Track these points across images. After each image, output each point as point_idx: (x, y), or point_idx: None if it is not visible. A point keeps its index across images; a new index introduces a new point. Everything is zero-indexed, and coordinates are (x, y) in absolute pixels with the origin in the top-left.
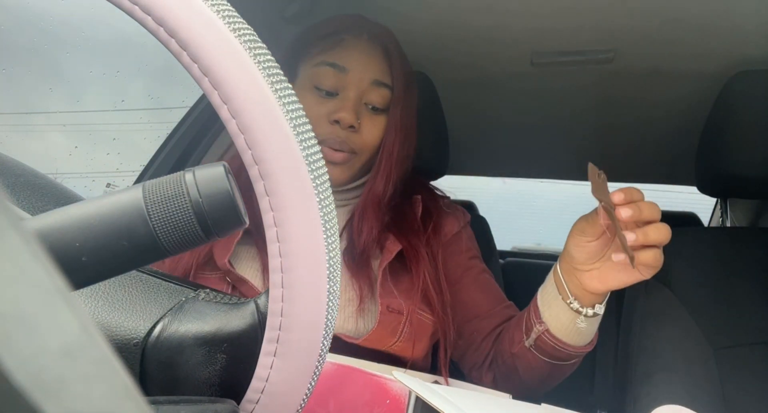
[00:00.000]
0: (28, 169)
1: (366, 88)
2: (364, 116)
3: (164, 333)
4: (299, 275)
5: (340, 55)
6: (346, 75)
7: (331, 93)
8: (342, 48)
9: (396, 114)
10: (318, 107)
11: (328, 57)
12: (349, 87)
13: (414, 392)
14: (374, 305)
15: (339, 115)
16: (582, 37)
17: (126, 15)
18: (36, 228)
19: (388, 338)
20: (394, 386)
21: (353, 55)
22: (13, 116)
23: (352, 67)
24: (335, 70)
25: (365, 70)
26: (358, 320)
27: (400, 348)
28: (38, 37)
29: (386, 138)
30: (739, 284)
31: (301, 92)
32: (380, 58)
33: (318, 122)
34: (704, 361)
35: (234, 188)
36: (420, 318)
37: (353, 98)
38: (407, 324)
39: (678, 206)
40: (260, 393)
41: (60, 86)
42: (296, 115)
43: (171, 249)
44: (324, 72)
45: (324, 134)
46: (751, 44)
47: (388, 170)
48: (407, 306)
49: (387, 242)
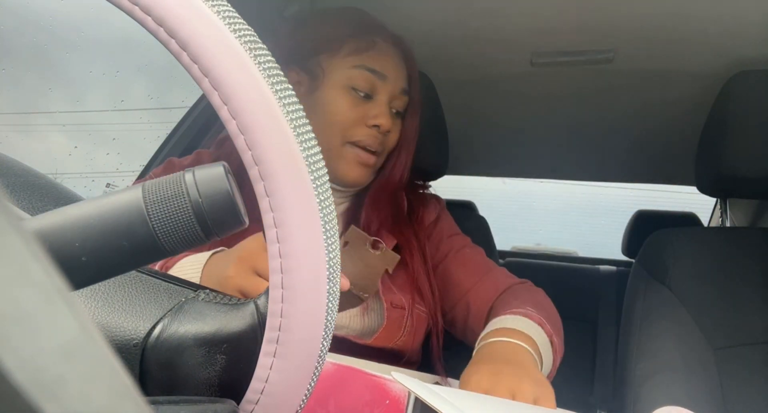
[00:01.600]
0: (27, 169)
1: (396, 95)
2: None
3: (164, 334)
4: (299, 276)
5: (378, 61)
6: (384, 82)
7: (366, 96)
8: (377, 53)
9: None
10: (355, 109)
11: (367, 61)
12: (384, 92)
13: (413, 392)
14: (378, 303)
15: (379, 120)
16: (582, 37)
17: (126, 15)
18: (36, 228)
19: (395, 333)
20: (394, 386)
21: (389, 63)
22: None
23: (389, 74)
24: (375, 76)
25: (398, 78)
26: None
27: (403, 342)
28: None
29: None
30: (738, 284)
31: (333, 90)
32: (404, 66)
33: (354, 124)
34: (704, 361)
35: (234, 189)
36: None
37: (387, 103)
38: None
39: (678, 206)
40: (260, 394)
41: (60, 86)
42: (296, 116)
43: (171, 249)
44: (363, 76)
45: (361, 135)
46: (751, 44)
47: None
48: (407, 301)
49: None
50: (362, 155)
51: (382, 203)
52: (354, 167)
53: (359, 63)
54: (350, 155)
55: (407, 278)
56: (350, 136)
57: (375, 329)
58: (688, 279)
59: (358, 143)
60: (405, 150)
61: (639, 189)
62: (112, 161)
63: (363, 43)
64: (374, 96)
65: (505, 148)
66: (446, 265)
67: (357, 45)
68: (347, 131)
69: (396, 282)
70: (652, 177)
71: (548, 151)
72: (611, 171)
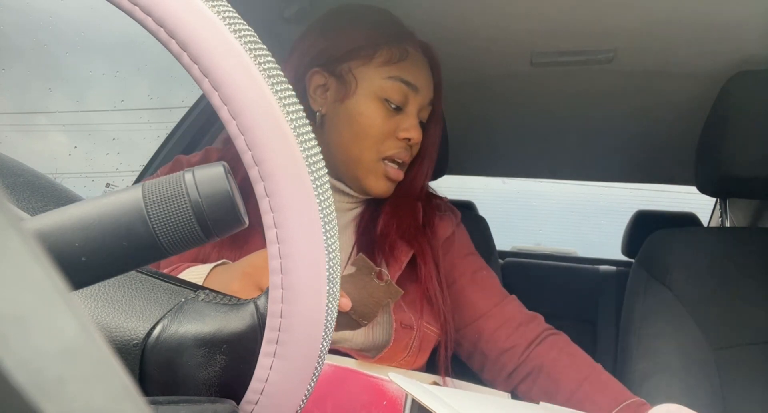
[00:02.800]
0: (27, 169)
1: (424, 106)
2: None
3: (164, 334)
4: (299, 276)
5: (411, 73)
6: (416, 94)
7: (398, 108)
8: (410, 63)
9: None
10: (387, 121)
11: (400, 72)
12: (414, 104)
13: (409, 394)
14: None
15: (411, 134)
16: (582, 37)
17: (126, 16)
18: (35, 228)
19: (400, 353)
20: (391, 387)
21: (421, 75)
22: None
23: (421, 87)
24: (409, 88)
25: (428, 91)
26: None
27: (407, 362)
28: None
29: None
30: (738, 285)
31: (365, 100)
32: (432, 76)
33: (386, 137)
34: (703, 361)
35: (233, 189)
36: (426, 331)
37: (416, 115)
38: (416, 338)
39: (678, 207)
40: (259, 394)
41: (60, 86)
42: (296, 116)
43: (170, 249)
44: (397, 88)
45: (393, 148)
46: (751, 44)
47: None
48: (416, 320)
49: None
50: (392, 172)
51: (401, 212)
52: (382, 182)
53: (394, 74)
54: (381, 171)
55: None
56: (384, 150)
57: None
58: (687, 279)
59: (390, 157)
60: (427, 160)
61: (639, 189)
62: (112, 161)
63: (396, 53)
64: (404, 108)
65: (505, 148)
66: (462, 285)
67: (390, 54)
68: (380, 145)
69: (406, 298)
70: (652, 177)
71: (548, 151)
72: (611, 171)
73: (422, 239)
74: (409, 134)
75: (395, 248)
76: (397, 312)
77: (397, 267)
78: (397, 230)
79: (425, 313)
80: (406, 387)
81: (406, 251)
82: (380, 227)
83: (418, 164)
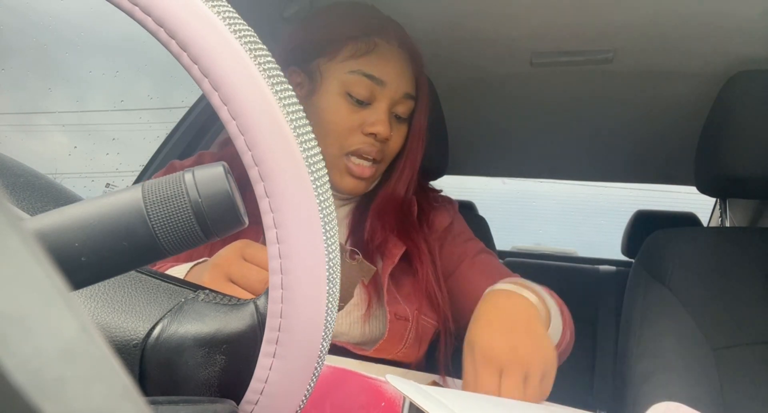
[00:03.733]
0: (27, 169)
1: (397, 100)
2: (392, 126)
3: (163, 334)
4: (299, 276)
5: (376, 66)
6: (383, 88)
7: (363, 103)
8: (377, 56)
9: (420, 122)
10: (351, 116)
11: (364, 66)
12: (383, 99)
13: (407, 397)
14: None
15: (376, 128)
16: (582, 37)
17: (126, 16)
18: (35, 228)
19: (396, 345)
20: (390, 388)
21: (389, 67)
22: (13, 116)
23: (389, 80)
24: (373, 82)
25: (399, 83)
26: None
27: (404, 354)
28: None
29: (410, 145)
30: (738, 285)
31: (329, 96)
32: (409, 70)
33: (351, 132)
34: (703, 361)
35: (233, 189)
36: (423, 323)
37: (386, 110)
38: (412, 329)
39: (677, 207)
40: (259, 394)
41: (59, 86)
42: (296, 116)
43: (170, 249)
44: (360, 82)
45: (357, 143)
46: (751, 44)
47: (411, 175)
48: (412, 312)
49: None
50: (354, 168)
51: (387, 212)
52: (347, 179)
53: (356, 68)
54: (342, 166)
55: (415, 286)
56: (348, 145)
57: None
58: (687, 279)
59: (355, 152)
60: (411, 157)
61: (639, 189)
62: (112, 161)
63: (362, 46)
64: (373, 102)
65: (505, 148)
66: (463, 271)
67: (356, 48)
68: (344, 140)
69: (402, 291)
70: (652, 177)
71: (548, 151)
72: (611, 171)
73: (417, 235)
74: (375, 128)
75: (387, 243)
76: (391, 303)
77: (390, 262)
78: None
79: (423, 306)
80: (402, 389)
81: (399, 246)
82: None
83: (402, 161)
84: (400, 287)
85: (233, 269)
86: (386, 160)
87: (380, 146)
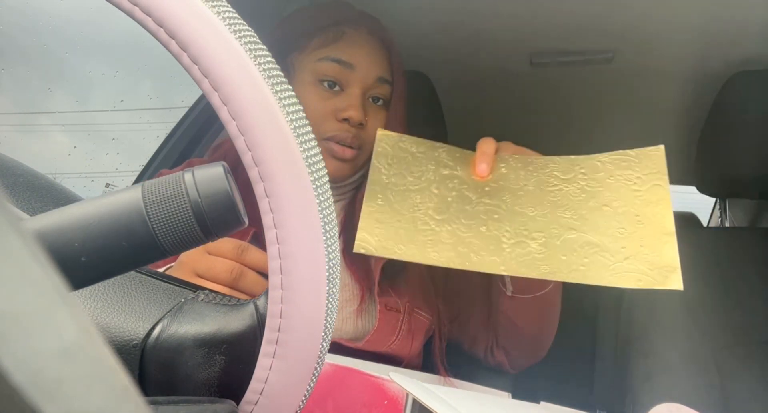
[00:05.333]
0: (27, 169)
1: (371, 84)
2: (369, 111)
3: (163, 335)
4: (298, 277)
5: (345, 51)
6: (352, 72)
7: (335, 89)
8: (345, 43)
9: (398, 109)
10: (323, 103)
11: (332, 52)
12: (355, 83)
13: (410, 394)
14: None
15: (348, 113)
16: (582, 37)
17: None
18: (35, 228)
19: (388, 337)
20: (392, 387)
21: (357, 51)
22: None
23: (358, 64)
24: (341, 66)
25: (370, 67)
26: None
27: (398, 346)
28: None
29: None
30: (738, 285)
31: (302, 87)
32: (381, 54)
33: (325, 119)
34: (704, 361)
35: (233, 189)
36: (417, 317)
37: (359, 95)
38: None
39: (677, 206)
40: (259, 395)
41: (59, 86)
42: (296, 117)
43: (170, 249)
44: (329, 67)
45: (332, 130)
46: (751, 44)
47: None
48: (403, 304)
49: None
50: (335, 148)
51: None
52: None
53: (324, 55)
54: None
55: (408, 281)
56: (323, 132)
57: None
58: (687, 279)
59: (331, 138)
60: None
61: None
62: (112, 161)
63: (330, 36)
64: (345, 89)
65: None
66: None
67: (324, 38)
68: (319, 127)
69: (395, 285)
70: None
71: (548, 151)
72: None
73: None
74: (347, 113)
75: None
76: (382, 295)
77: None
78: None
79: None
80: (406, 386)
81: None
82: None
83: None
84: (393, 281)
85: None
86: (366, 147)
87: (356, 131)
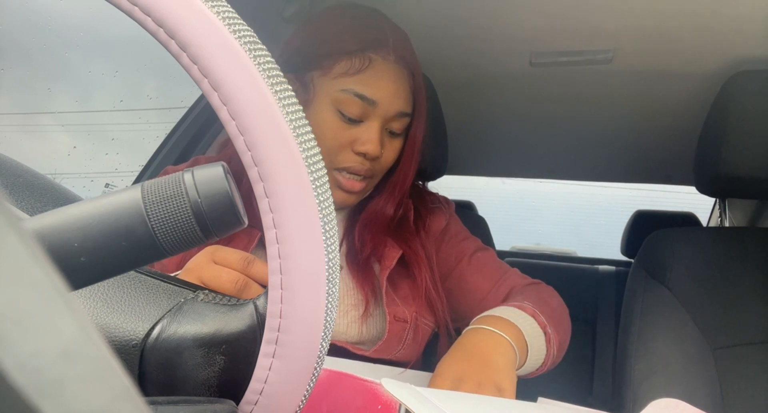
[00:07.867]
0: (26, 169)
1: (390, 118)
2: (385, 141)
3: (163, 335)
4: (298, 277)
5: (369, 85)
6: (374, 108)
7: (355, 120)
8: (370, 74)
9: (415, 138)
10: (341, 132)
11: (356, 85)
12: (375, 117)
13: (403, 404)
14: (378, 313)
15: (366, 148)
16: (581, 37)
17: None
18: (34, 228)
19: (395, 346)
20: (386, 391)
21: (382, 86)
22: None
23: (381, 100)
24: (364, 102)
25: (392, 102)
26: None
27: (403, 355)
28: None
29: (403, 162)
30: (737, 284)
31: (320, 110)
32: (406, 87)
33: (341, 149)
34: (703, 361)
35: (233, 189)
36: (422, 326)
37: (378, 129)
38: (410, 331)
39: (677, 207)
40: (259, 395)
41: (58, 86)
42: (296, 117)
43: (170, 249)
44: (351, 102)
45: (347, 161)
46: (750, 44)
47: (401, 195)
48: (411, 314)
49: (386, 249)
50: (345, 182)
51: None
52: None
53: (348, 87)
54: (332, 179)
55: (413, 290)
56: (337, 162)
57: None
58: (687, 279)
59: (344, 169)
60: (403, 173)
61: (638, 189)
62: (112, 161)
63: (356, 63)
64: (365, 120)
65: (505, 148)
66: (461, 271)
67: (349, 65)
68: (334, 157)
69: (400, 294)
70: (652, 177)
71: (548, 151)
72: (610, 171)
73: (414, 240)
74: (365, 148)
75: (383, 248)
76: (390, 305)
77: (387, 265)
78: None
79: (421, 309)
80: (397, 394)
81: (396, 250)
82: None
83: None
84: (399, 290)
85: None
86: (377, 175)
87: (370, 164)
